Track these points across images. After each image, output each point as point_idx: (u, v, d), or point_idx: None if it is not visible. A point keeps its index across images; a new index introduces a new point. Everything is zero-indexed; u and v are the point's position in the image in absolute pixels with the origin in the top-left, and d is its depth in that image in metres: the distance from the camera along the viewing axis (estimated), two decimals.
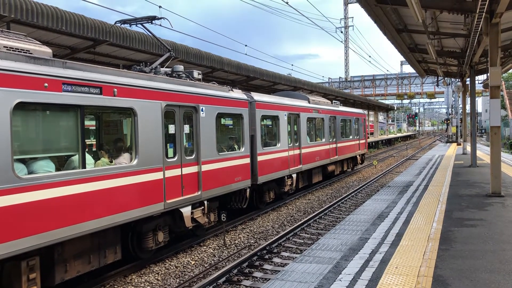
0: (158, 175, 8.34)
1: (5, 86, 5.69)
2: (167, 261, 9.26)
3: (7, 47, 6.09)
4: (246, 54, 24.60)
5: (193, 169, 9.54)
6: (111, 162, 7.73)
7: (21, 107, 5.96)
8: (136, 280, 8.15)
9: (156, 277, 8.32)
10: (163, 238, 8.90)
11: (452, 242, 6.91)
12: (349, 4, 65.56)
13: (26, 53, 6.31)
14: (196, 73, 10.54)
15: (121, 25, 10.20)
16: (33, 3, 9.28)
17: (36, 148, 6.63)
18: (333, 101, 22.68)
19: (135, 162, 7.82)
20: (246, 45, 23.96)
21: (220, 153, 10.70)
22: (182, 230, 9.48)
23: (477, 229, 7.72)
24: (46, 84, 6.20)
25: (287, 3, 19.73)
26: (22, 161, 6.24)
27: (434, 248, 6.64)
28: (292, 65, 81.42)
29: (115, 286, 7.92)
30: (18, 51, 6.18)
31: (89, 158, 7.09)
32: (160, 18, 9.81)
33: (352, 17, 66.99)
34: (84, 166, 6.80)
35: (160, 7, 13.93)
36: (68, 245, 6.79)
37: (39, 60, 6.31)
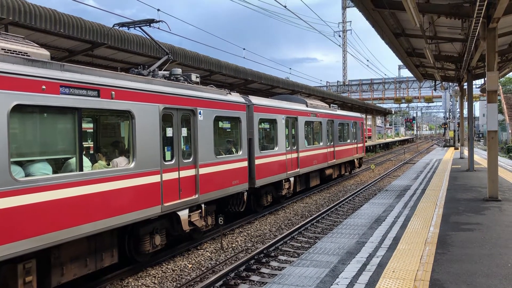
0: (155, 178, 8.33)
1: (3, 89, 5.68)
2: (164, 264, 9.23)
3: (5, 49, 6.10)
4: (244, 57, 24.64)
5: (190, 172, 9.54)
6: (108, 165, 7.73)
7: (18, 110, 5.95)
8: (132, 284, 8.13)
9: (153, 281, 8.30)
10: (160, 241, 8.88)
11: (449, 246, 6.91)
12: (347, 9, 65.96)
13: (24, 55, 6.30)
14: (194, 76, 10.54)
15: (119, 28, 10.20)
16: (31, 6, 9.28)
17: (34, 151, 6.61)
18: (331, 104, 22.75)
19: (132, 165, 7.81)
20: (244, 49, 24.02)
21: (217, 157, 10.70)
22: (180, 233, 9.46)
23: (474, 233, 7.73)
24: (44, 87, 6.20)
25: (285, 6, 19.77)
26: (19, 163, 6.23)
27: (431, 252, 6.64)
28: (290, 68, 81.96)
29: None
30: (16, 54, 6.19)
31: (86, 161, 7.09)
32: (158, 21, 9.82)
33: (350, 21, 67.24)
34: (81, 169, 6.79)
35: (158, 10, 13.96)
36: (64, 248, 6.77)
37: (37, 62, 6.31)
